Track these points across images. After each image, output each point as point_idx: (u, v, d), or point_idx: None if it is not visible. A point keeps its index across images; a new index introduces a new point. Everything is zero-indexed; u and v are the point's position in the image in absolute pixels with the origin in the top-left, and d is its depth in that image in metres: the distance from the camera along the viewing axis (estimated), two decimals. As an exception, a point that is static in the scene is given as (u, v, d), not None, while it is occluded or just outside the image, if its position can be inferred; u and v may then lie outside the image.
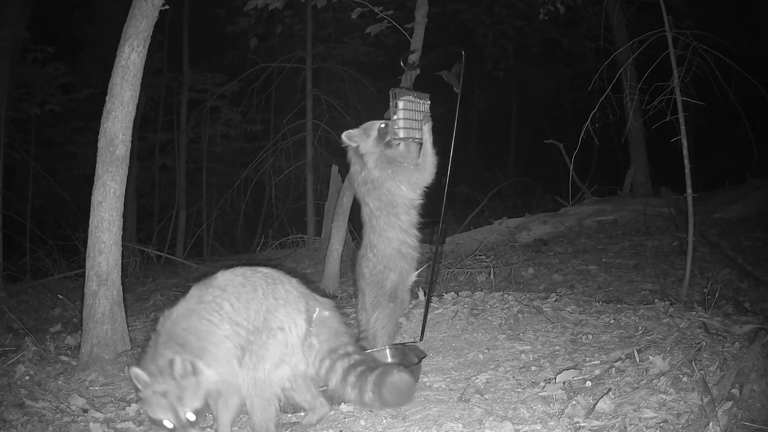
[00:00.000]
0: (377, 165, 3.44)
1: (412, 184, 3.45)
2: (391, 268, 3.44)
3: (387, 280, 3.45)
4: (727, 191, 7.70)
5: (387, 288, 3.46)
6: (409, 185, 3.44)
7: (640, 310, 3.79)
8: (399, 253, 3.44)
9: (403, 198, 3.44)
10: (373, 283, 3.47)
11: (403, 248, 3.45)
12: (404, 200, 3.45)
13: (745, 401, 2.49)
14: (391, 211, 3.43)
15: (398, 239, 3.44)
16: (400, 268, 3.45)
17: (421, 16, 5.21)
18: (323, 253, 5.83)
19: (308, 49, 9.30)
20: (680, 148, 4.38)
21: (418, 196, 3.49)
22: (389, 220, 3.43)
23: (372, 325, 3.48)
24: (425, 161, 3.49)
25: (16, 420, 2.86)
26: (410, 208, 3.48)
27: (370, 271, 3.47)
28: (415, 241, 3.49)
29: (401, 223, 3.44)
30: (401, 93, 3.49)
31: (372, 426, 2.73)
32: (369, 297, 3.49)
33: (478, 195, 9.76)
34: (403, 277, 3.49)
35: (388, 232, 3.43)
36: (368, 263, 3.48)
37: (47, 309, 5.76)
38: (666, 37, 4.39)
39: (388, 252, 3.44)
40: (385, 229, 3.43)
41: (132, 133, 3.72)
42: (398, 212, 3.44)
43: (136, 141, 4.13)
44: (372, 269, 3.47)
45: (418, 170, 3.47)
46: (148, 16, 3.66)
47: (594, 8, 8.43)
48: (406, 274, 3.50)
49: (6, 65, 8.05)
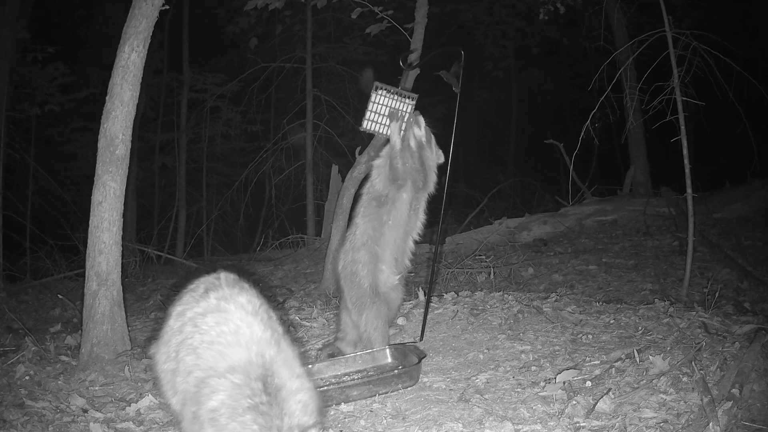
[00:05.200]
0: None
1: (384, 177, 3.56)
2: (358, 260, 3.46)
3: (359, 277, 3.46)
4: (727, 191, 7.70)
5: (365, 287, 3.45)
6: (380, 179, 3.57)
7: (640, 310, 3.79)
8: (364, 245, 3.47)
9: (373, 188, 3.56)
10: (347, 276, 3.50)
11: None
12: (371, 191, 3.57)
13: (745, 401, 2.50)
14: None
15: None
16: (364, 259, 3.46)
17: (421, 16, 5.21)
18: (323, 253, 5.84)
19: (308, 49, 9.31)
20: (680, 148, 4.38)
21: (383, 188, 3.52)
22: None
23: (363, 328, 3.45)
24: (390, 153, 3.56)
25: (16, 420, 2.86)
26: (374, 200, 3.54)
27: (342, 265, 3.52)
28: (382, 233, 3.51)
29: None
30: (380, 87, 3.56)
31: (372, 426, 2.73)
32: (349, 295, 3.50)
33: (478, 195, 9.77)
34: (375, 272, 3.48)
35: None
36: (341, 256, 3.55)
37: (47, 309, 5.76)
38: (666, 37, 4.39)
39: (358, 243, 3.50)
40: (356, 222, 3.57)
41: (132, 133, 3.71)
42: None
43: (136, 141, 4.12)
44: (343, 262, 3.53)
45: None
46: (148, 16, 3.65)
47: (594, 8, 8.43)
48: (374, 267, 3.49)
49: (6, 65, 8.04)
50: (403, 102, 3.61)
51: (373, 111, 3.59)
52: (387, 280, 3.51)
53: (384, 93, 3.58)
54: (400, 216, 3.49)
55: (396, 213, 3.47)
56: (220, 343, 1.98)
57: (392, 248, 3.50)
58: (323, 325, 4.19)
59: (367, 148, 5.10)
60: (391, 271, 3.52)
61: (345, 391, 2.99)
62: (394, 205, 3.47)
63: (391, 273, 3.52)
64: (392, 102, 3.60)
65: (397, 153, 3.49)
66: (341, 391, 2.97)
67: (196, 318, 2.10)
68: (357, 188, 5.18)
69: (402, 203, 3.48)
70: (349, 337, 3.59)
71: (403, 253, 3.56)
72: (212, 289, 2.18)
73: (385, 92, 3.58)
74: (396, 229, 3.49)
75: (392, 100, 3.60)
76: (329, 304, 4.69)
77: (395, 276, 3.54)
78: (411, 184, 3.49)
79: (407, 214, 3.51)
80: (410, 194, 3.50)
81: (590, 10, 8.55)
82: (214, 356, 1.95)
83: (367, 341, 3.45)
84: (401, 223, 3.50)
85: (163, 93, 12.03)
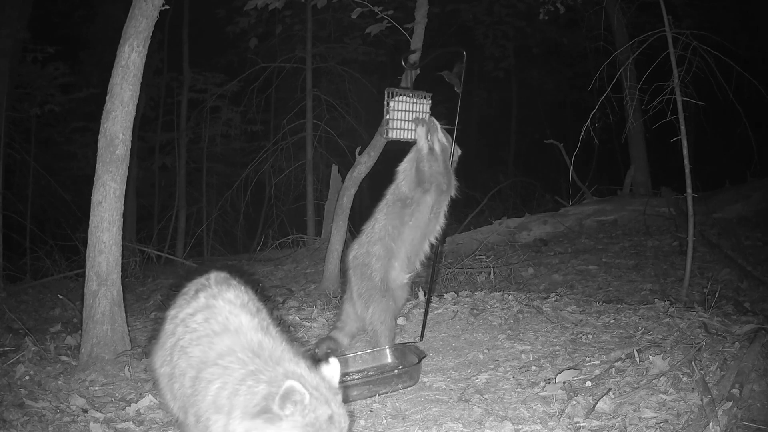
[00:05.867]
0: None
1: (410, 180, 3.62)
2: (372, 253, 3.52)
3: (371, 269, 3.51)
4: (727, 191, 7.69)
5: (376, 280, 3.50)
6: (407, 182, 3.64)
7: (640, 310, 3.79)
8: (381, 240, 3.53)
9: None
10: (357, 267, 3.55)
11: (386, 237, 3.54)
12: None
13: (745, 401, 2.50)
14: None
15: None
16: (378, 253, 3.52)
17: (421, 16, 5.20)
18: (323, 253, 5.83)
19: (308, 49, 9.30)
20: (680, 148, 4.38)
21: (409, 190, 3.60)
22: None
23: (369, 321, 3.52)
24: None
25: (16, 420, 2.86)
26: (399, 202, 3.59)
27: (354, 255, 3.59)
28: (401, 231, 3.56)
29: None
30: (396, 92, 3.55)
31: (372, 426, 2.73)
32: (356, 287, 3.55)
33: (478, 195, 9.75)
34: (387, 268, 3.53)
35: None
36: (355, 247, 3.62)
37: (47, 309, 5.75)
38: (666, 37, 4.39)
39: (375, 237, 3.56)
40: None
41: (132, 133, 3.71)
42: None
43: (136, 141, 4.13)
44: (356, 252, 3.60)
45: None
46: (148, 16, 3.65)
47: (594, 8, 8.43)
48: (387, 263, 3.54)
49: (6, 65, 8.04)
50: (420, 103, 3.62)
51: (394, 119, 3.57)
52: (397, 278, 3.59)
53: (400, 98, 3.58)
54: (422, 218, 3.57)
55: (418, 215, 3.55)
56: (207, 336, 2.01)
57: (408, 247, 3.57)
58: (323, 325, 4.19)
59: (367, 148, 5.09)
60: (402, 270, 3.60)
61: (345, 391, 2.97)
62: (418, 207, 3.55)
63: (402, 271, 3.60)
64: (410, 105, 3.60)
65: (424, 157, 3.56)
66: (341, 391, 2.97)
67: (187, 318, 2.13)
68: (357, 188, 5.18)
69: (425, 206, 3.56)
70: (348, 328, 3.68)
71: (416, 255, 3.63)
72: (202, 289, 2.23)
73: (402, 97, 3.58)
74: (415, 230, 3.57)
75: (410, 104, 3.60)
76: (329, 304, 4.69)
77: (405, 275, 3.62)
78: (435, 187, 3.57)
79: (428, 217, 3.59)
80: (434, 197, 3.58)
81: (590, 10, 8.55)
82: (203, 350, 1.98)
83: (374, 334, 3.53)
84: (421, 225, 3.58)
85: (163, 93, 12.03)
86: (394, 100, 3.56)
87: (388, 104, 3.55)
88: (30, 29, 8.64)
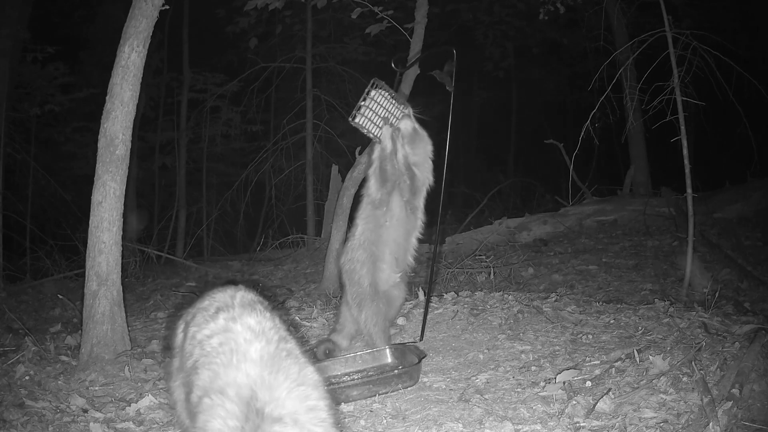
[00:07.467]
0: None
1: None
2: (356, 259, 3.53)
3: (358, 275, 3.53)
4: (727, 191, 7.69)
5: (365, 286, 3.51)
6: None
7: (640, 310, 3.79)
8: (362, 245, 3.54)
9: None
10: (346, 273, 3.57)
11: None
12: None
13: (745, 401, 2.50)
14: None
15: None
16: (362, 259, 3.53)
17: (421, 16, 5.21)
18: (323, 253, 5.83)
19: (308, 49, 9.31)
20: (680, 148, 4.38)
21: (376, 191, 3.59)
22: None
23: (363, 324, 3.53)
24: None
25: (16, 420, 2.86)
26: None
27: (342, 261, 3.62)
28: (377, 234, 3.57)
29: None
30: (381, 86, 3.54)
31: (372, 426, 2.73)
32: (350, 291, 3.57)
33: (478, 195, 9.76)
34: (374, 271, 3.53)
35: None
36: (343, 253, 3.65)
37: (47, 309, 5.75)
38: (666, 37, 4.39)
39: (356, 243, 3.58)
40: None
41: (132, 133, 3.71)
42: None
43: (136, 141, 4.12)
44: (343, 258, 3.62)
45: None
46: (148, 16, 3.65)
47: (594, 8, 8.43)
48: (375, 266, 3.54)
49: (6, 65, 8.04)
50: (397, 108, 3.61)
51: (368, 108, 3.55)
52: (388, 279, 3.58)
53: (382, 93, 3.57)
54: (398, 217, 3.54)
55: (392, 214, 3.53)
56: (215, 364, 1.92)
57: (392, 247, 3.55)
58: (323, 325, 4.19)
59: (368, 148, 5.10)
60: (391, 270, 3.58)
61: (345, 391, 2.99)
62: (389, 207, 3.53)
63: (392, 271, 3.59)
64: (388, 105, 3.58)
65: (387, 156, 3.54)
66: (341, 391, 2.97)
67: (204, 341, 2.04)
68: (357, 188, 5.18)
69: (396, 204, 3.54)
70: (346, 330, 3.70)
71: (405, 252, 3.61)
72: (223, 309, 2.11)
73: (384, 92, 3.57)
74: (395, 230, 3.54)
75: (389, 103, 3.59)
76: (329, 304, 4.69)
77: (396, 274, 3.60)
78: (403, 184, 3.53)
79: (405, 213, 3.55)
80: (406, 194, 3.53)
81: (590, 10, 8.55)
82: (210, 375, 1.90)
83: (368, 336, 3.54)
84: (400, 223, 3.55)
85: (163, 93, 12.03)
86: (376, 91, 3.54)
87: (369, 92, 3.53)
88: (30, 29, 8.64)
